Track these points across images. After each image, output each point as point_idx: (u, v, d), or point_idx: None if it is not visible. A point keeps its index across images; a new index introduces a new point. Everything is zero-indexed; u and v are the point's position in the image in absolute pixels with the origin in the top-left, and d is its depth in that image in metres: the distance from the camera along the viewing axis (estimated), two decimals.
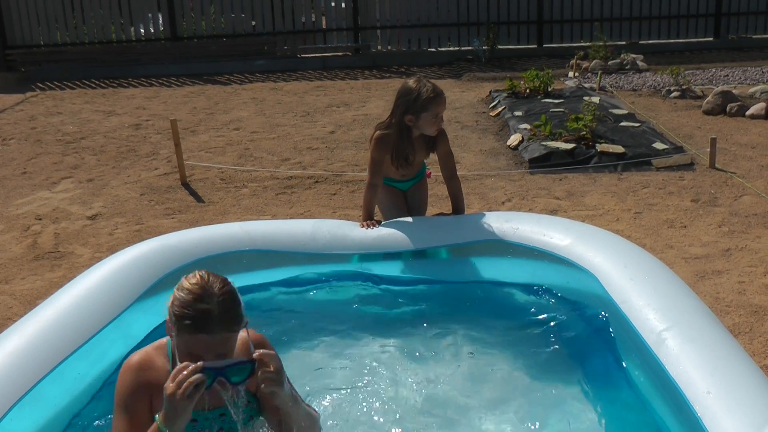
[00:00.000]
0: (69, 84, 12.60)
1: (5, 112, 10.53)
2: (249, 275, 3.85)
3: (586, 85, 10.32)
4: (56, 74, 13.07)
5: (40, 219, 5.96)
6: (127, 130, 8.99)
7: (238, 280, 3.79)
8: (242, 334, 2.20)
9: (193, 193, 6.45)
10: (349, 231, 3.89)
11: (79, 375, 2.98)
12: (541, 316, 3.53)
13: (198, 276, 2.14)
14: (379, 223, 3.94)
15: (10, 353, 2.76)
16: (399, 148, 3.91)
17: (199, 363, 2.04)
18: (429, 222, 4.06)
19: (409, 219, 4.03)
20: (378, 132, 3.95)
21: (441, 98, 3.79)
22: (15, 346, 2.80)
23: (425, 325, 3.57)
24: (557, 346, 3.31)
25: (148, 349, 2.35)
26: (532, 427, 2.81)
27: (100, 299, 3.21)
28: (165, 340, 2.33)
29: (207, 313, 2.06)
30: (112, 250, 4.85)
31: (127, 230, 5.60)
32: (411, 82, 3.84)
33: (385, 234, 3.83)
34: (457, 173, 4.12)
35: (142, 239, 4.57)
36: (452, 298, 3.77)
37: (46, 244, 5.40)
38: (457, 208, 4.10)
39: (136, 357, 2.32)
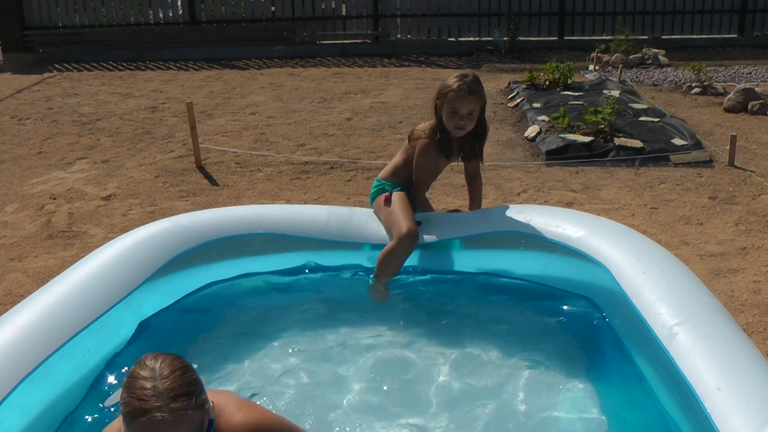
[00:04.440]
0: (86, 66, 12.64)
1: (22, 93, 10.58)
2: (261, 258, 3.85)
3: (606, 78, 10.22)
4: (74, 56, 13.11)
5: (54, 198, 5.99)
6: (143, 113, 9.01)
7: (249, 264, 3.83)
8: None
9: (208, 176, 6.45)
10: (363, 220, 3.88)
11: (89, 352, 3.00)
12: (552, 309, 3.51)
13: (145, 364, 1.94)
14: (419, 224, 3.75)
15: (20, 327, 2.77)
16: (442, 143, 3.70)
17: None
18: (443, 214, 4.05)
19: (424, 213, 4.00)
20: (424, 139, 3.73)
21: (462, 96, 3.55)
22: (26, 320, 2.82)
23: (435, 315, 3.56)
24: (567, 339, 3.29)
25: None
26: (539, 421, 2.79)
27: (112, 277, 3.22)
28: None
29: (148, 389, 1.85)
30: (126, 230, 4.85)
31: (141, 211, 5.62)
32: (455, 72, 3.70)
33: None
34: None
35: (155, 221, 4.57)
36: (462, 289, 3.75)
37: (59, 224, 5.43)
38: (475, 207, 4.06)
39: None
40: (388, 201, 3.76)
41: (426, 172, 3.84)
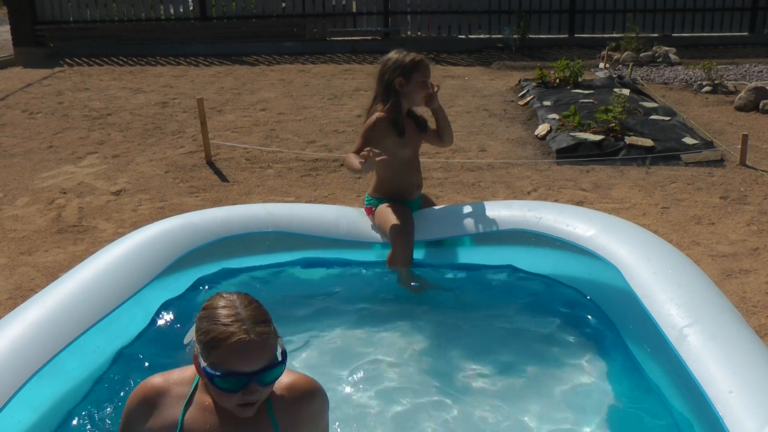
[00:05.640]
0: (97, 60, 12.67)
1: (33, 87, 10.62)
2: (270, 256, 3.85)
3: (617, 76, 10.18)
4: (85, 50, 13.15)
5: (64, 193, 6.01)
6: (153, 108, 9.02)
7: (258, 261, 3.83)
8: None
9: (218, 172, 6.46)
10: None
11: (98, 348, 3.00)
12: (559, 308, 3.49)
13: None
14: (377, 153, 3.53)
15: (30, 324, 2.78)
16: (395, 120, 3.69)
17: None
18: (451, 211, 4.02)
19: (433, 209, 3.99)
20: (377, 114, 3.71)
21: (427, 65, 3.76)
22: (35, 317, 2.82)
23: (444, 313, 3.55)
24: (576, 339, 3.27)
25: (171, 378, 2.07)
26: (547, 423, 2.77)
27: (121, 274, 3.22)
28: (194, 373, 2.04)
29: (232, 315, 1.86)
30: (136, 226, 4.88)
31: (151, 207, 5.63)
32: (394, 52, 3.76)
33: None
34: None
35: (165, 216, 4.58)
36: (470, 287, 3.74)
37: (70, 218, 5.44)
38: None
39: (150, 387, 2.05)
40: (371, 213, 3.87)
41: (365, 144, 3.59)
